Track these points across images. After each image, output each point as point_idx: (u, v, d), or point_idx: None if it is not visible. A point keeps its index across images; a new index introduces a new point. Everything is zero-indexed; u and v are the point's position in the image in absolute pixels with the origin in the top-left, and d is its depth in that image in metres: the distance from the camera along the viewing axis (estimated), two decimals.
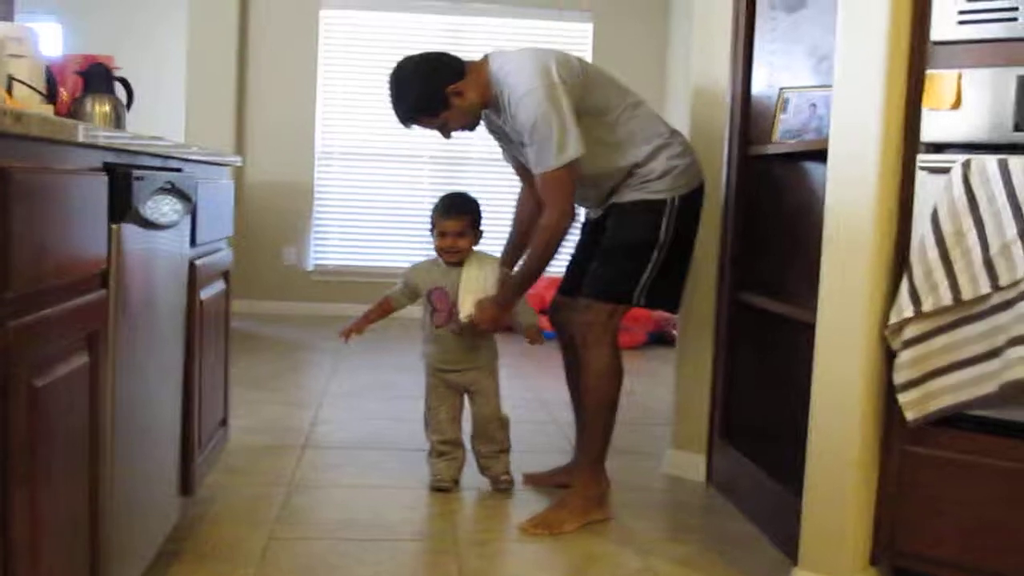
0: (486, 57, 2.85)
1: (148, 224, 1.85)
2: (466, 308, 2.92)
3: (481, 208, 3.03)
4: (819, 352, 2.29)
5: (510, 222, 3.20)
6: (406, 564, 2.48)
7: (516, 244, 3.13)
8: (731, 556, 2.60)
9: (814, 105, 2.96)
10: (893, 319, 2.17)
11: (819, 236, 2.29)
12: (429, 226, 3.03)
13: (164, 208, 1.96)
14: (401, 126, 2.90)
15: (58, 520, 1.49)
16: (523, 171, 3.04)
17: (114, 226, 1.67)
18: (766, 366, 3.13)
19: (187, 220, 2.24)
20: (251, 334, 5.86)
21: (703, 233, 2.97)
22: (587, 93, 2.76)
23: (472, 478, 3.08)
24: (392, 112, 2.88)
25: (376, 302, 3.13)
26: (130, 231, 1.74)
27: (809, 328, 2.34)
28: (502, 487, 3.05)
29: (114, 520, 1.75)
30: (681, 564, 2.54)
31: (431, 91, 2.79)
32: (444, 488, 3.01)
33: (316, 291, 6.90)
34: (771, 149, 2.99)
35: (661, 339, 6.00)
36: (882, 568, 2.32)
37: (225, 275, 2.80)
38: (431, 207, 3.05)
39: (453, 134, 2.93)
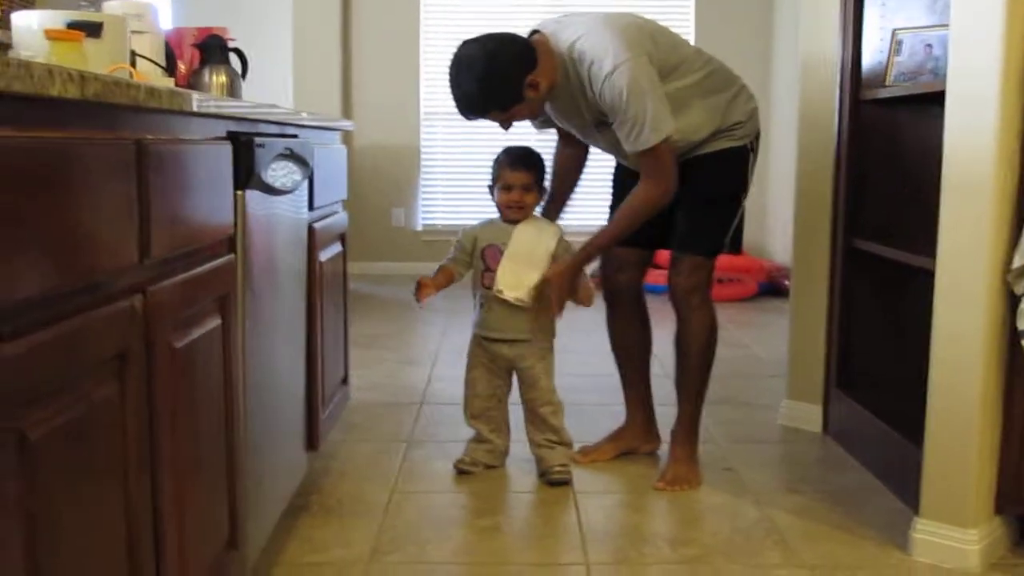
0: (542, 33, 2.60)
1: (270, 190, 1.91)
2: (504, 278, 2.67)
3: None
4: (939, 299, 2.24)
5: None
6: (526, 516, 2.53)
7: (558, 195, 2.95)
8: (849, 506, 2.58)
9: (930, 46, 2.88)
10: (1016, 263, 2.11)
11: (936, 180, 2.24)
12: (490, 182, 2.78)
13: (284, 173, 2.01)
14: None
15: (199, 473, 1.57)
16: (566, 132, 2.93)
17: (239, 192, 1.73)
18: (883, 314, 3.08)
19: (305, 185, 2.30)
20: (364, 295, 5.98)
21: (816, 179, 2.91)
22: (665, 54, 2.61)
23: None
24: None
25: (435, 274, 2.78)
26: (254, 197, 1.81)
27: (927, 274, 2.30)
28: (555, 478, 2.70)
29: (249, 473, 1.83)
30: (798, 515, 2.53)
31: (507, 85, 2.53)
32: (464, 471, 2.77)
33: (425, 251, 6.98)
34: (884, 93, 2.92)
35: (773, 290, 5.93)
36: (1007, 517, 2.28)
37: (342, 237, 2.86)
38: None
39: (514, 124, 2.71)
